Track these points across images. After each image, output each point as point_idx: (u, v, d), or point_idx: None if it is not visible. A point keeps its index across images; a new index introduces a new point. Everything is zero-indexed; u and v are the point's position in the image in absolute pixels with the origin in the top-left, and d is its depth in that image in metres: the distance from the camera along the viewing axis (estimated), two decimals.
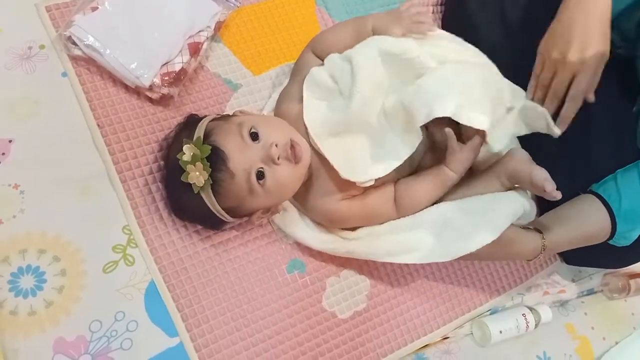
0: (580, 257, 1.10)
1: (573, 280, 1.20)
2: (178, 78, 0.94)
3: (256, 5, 1.09)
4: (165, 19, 0.95)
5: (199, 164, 0.79)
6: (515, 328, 1.04)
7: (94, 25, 0.90)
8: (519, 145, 1.00)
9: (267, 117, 0.96)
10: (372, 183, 0.87)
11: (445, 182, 0.89)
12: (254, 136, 0.82)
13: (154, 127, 0.94)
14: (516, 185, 0.93)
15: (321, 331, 0.95)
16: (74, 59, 0.92)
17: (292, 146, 0.83)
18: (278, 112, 0.95)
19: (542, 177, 0.84)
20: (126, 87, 0.94)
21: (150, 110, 0.95)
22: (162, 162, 0.92)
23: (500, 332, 1.03)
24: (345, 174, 0.85)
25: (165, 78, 0.92)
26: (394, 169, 0.87)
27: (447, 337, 1.04)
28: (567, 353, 1.10)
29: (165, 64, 0.93)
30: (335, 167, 0.86)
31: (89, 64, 0.93)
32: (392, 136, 0.87)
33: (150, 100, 0.95)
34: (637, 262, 1.13)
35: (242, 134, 0.82)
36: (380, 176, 0.87)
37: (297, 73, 0.96)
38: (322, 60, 0.92)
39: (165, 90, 0.93)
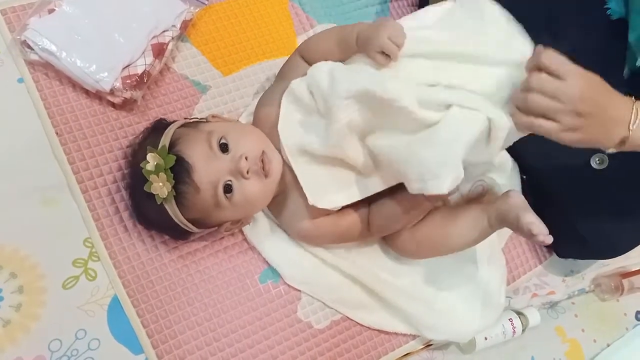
0: (572, 248, 1.06)
1: (563, 281, 1.16)
2: (141, 81, 0.89)
3: (225, 2, 1.04)
4: (127, 19, 0.91)
5: (162, 175, 0.75)
6: (501, 334, 1.00)
7: (49, 27, 0.86)
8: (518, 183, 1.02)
9: (240, 125, 0.91)
10: (338, 208, 0.83)
11: (418, 207, 0.85)
12: (224, 147, 0.78)
13: (117, 134, 0.90)
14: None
15: (297, 342, 0.91)
16: (31, 64, 0.88)
17: (263, 159, 0.79)
18: (257, 115, 0.90)
19: (529, 220, 0.77)
20: (87, 92, 0.90)
21: (113, 115, 0.91)
22: (126, 169, 0.88)
23: (486, 338, 0.99)
24: (312, 199, 0.81)
25: (127, 81, 0.88)
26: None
27: (430, 345, 1.00)
28: (557, 357, 1.06)
29: (127, 66, 0.89)
30: (304, 189, 0.81)
31: (47, 69, 0.88)
32: (370, 170, 0.82)
33: (113, 105, 0.91)
34: (633, 248, 1.07)
35: (211, 143, 0.77)
36: (347, 203, 0.83)
37: (283, 77, 0.91)
38: (310, 65, 0.85)
39: (127, 94, 0.89)
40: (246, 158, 0.77)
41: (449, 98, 0.74)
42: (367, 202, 0.88)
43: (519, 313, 1.04)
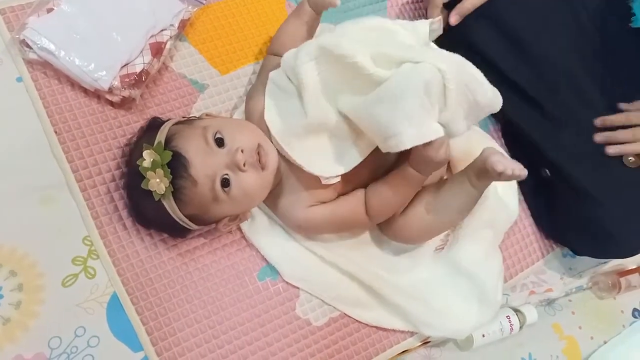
0: (593, 245, 1.06)
1: (561, 279, 1.17)
2: (139, 80, 0.90)
3: (223, 2, 1.05)
4: (125, 18, 0.91)
5: (159, 171, 0.75)
6: (499, 331, 1.01)
7: (48, 27, 0.86)
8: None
9: (234, 120, 0.93)
10: (337, 180, 0.83)
11: (410, 181, 0.85)
12: (219, 141, 0.79)
13: (115, 132, 0.90)
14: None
15: (295, 340, 0.92)
16: (30, 63, 0.88)
17: (259, 152, 0.79)
18: (246, 108, 0.92)
19: (494, 160, 0.78)
20: (85, 91, 0.90)
21: (112, 114, 0.91)
22: (124, 168, 0.88)
23: (483, 335, 0.99)
24: (308, 167, 0.82)
25: (126, 80, 0.88)
26: (365, 171, 0.84)
27: (428, 342, 1.00)
28: (554, 354, 1.07)
29: (125, 65, 0.89)
30: (298, 162, 0.82)
31: (46, 68, 0.89)
32: (353, 135, 0.83)
33: (111, 104, 0.91)
34: None
35: (207, 138, 0.78)
36: (345, 172, 0.83)
37: (262, 74, 0.94)
38: None
39: (126, 93, 0.89)
40: (242, 151, 0.78)
41: (402, 55, 0.75)
42: (363, 187, 0.89)
43: (516, 310, 1.05)
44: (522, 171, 0.78)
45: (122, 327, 0.82)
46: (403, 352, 0.98)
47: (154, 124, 0.84)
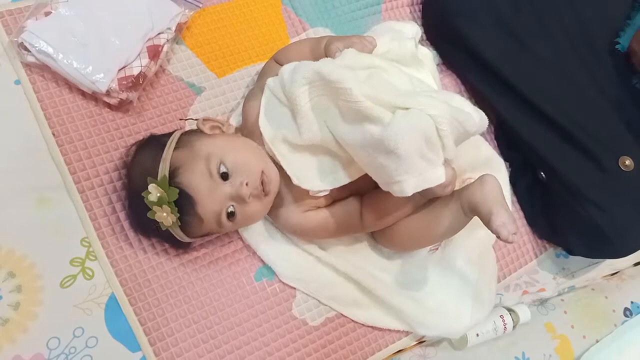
0: (585, 246, 1.07)
1: (554, 279, 1.18)
2: (137, 82, 0.90)
3: (219, 5, 1.06)
4: (122, 21, 0.92)
5: (166, 207, 0.76)
6: (492, 330, 1.02)
7: (46, 30, 0.87)
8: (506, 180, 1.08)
9: (236, 144, 0.87)
10: (326, 193, 0.85)
11: (410, 199, 0.85)
12: (224, 175, 0.79)
13: (113, 134, 0.91)
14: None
15: (292, 339, 0.93)
16: (28, 65, 0.89)
17: (262, 180, 0.81)
18: (243, 110, 0.92)
19: (499, 223, 0.76)
20: (83, 94, 0.91)
21: (109, 117, 0.92)
22: (124, 178, 0.88)
23: (477, 335, 1.00)
24: (297, 180, 0.83)
25: (123, 83, 0.89)
26: (361, 179, 0.84)
27: (423, 341, 1.01)
28: (547, 353, 1.08)
29: (122, 68, 0.90)
30: (288, 172, 0.83)
31: (44, 71, 0.89)
32: (345, 156, 0.83)
33: (109, 106, 0.92)
34: None
35: (211, 172, 0.78)
36: (333, 187, 0.84)
37: (261, 79, 0.95)
38: None
39: (123, 95, 0.90)
40: (247, 184, 0.79)
41: (393, 101, 0.75)
42: (359, 196, 0.90)
43: (509, 310, 1.06)
44: (514, 239, 0.77)
45: (120, 328, 0.83)
46: (398, 351, 0.99)
47: (152, 144, 0.84)
